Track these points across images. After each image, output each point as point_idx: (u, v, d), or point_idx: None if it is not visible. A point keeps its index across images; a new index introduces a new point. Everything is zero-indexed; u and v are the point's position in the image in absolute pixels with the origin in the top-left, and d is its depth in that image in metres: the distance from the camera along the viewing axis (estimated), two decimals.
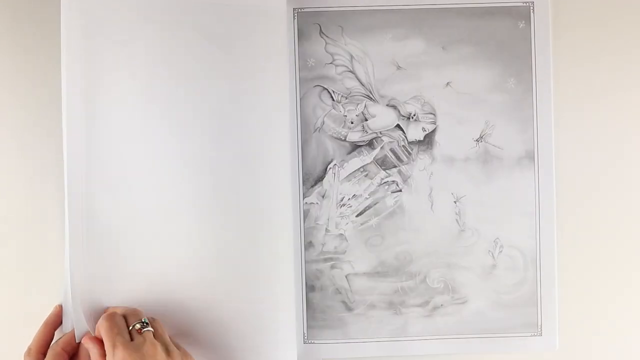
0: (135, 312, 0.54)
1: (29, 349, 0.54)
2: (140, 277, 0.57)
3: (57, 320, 0.57)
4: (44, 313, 0.58)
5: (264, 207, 0.57)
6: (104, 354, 0.50)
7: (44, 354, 0.54)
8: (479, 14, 0.59)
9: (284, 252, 0.57)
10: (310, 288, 0.60)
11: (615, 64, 0.60)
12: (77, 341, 0.55)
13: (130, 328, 0.51)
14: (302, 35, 0.59)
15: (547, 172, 0.60)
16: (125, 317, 0.53)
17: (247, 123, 0.56)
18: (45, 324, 0.56)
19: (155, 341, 0.51)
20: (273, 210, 0.57)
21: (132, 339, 0.50)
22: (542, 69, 0.59)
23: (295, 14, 0.59)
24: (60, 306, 0.57)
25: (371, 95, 0.60)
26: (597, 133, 0.60)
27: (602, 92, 0.60)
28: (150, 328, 0.52)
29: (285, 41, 0.57)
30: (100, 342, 0.51)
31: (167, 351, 0.51)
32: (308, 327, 0.60)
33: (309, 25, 0.59)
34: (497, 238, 0.60)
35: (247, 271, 0.57)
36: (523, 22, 0.59)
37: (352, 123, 0.60)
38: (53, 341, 0.56)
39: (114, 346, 0.49)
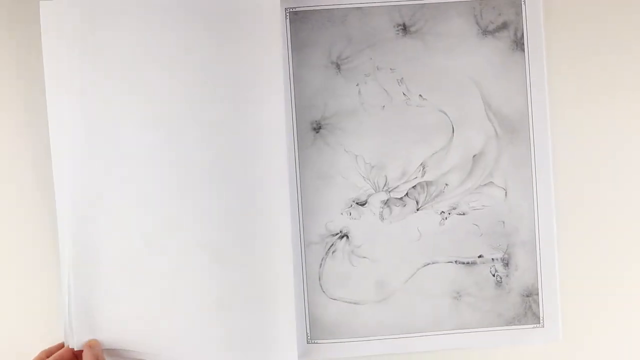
0: None
1: None
2: (139, 276, 0.57)
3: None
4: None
5: (262, 208, 0.57)
6: None
7: None
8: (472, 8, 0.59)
9: (283, 252, 0.57)
10: None
11: (609, 62, 0.60)
12: (76, 349, 0.56)
13: None
14: (294, 35, 0.59)
15: (545, 169, 0.59)
16: None
17: (242, 124, 0.56)
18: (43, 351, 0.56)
19: None
20: (272, 210, 0.57)
21: None
22: (535, 66, 0.59)
23: (288, 14, 0.59)
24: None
25: None
26: (593, 131, 0.60)
27: (597, 90, 0.60)
28: None
29: (280, 42, 0.57)
30: None
31: None
32: (311, 327, 0.59)
33: (301, 26, 0.59)
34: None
35: (246, 271, 0.57)
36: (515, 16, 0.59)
37: None
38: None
39: None
